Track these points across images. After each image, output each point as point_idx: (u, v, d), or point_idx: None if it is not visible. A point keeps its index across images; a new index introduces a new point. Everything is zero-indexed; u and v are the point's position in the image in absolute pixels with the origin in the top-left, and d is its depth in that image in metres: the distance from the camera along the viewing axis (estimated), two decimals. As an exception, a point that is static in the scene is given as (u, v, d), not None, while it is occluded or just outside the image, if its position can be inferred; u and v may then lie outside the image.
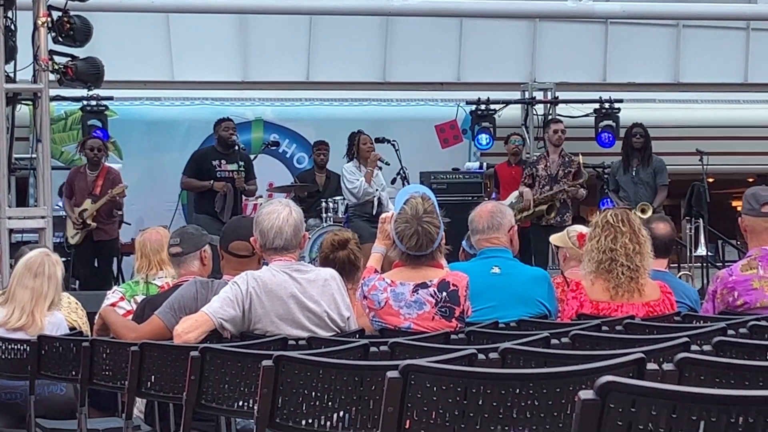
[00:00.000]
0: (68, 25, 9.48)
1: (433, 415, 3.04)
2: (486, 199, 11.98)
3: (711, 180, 13.33)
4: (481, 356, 3.65)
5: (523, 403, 2.98)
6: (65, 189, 11.65)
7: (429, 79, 15.09)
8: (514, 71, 14.99)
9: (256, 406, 3.81)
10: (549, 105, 14.21)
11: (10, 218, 9.40)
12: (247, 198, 12.32)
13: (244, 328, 5.05)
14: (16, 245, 9.29)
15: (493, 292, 5.83)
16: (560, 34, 15.13)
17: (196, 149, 12.64)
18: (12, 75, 9.57)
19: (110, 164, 12.50)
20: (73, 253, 11.35)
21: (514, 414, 2.98)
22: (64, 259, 7.67)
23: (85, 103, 12.97)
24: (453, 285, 5.34)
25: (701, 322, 5.49)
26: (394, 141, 12.44)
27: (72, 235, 11.44)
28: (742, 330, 4.70)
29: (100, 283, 11.11)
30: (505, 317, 5.64)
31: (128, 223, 12.28)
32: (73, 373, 5.36)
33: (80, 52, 9.64)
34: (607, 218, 5.86)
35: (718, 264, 12.92)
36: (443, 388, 3.02)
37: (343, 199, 12.12)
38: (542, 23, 15.09)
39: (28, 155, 10.96)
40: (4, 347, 5.69)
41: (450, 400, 3.02)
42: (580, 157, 12.33)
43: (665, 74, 15.65)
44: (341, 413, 3.62)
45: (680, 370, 3.06)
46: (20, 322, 5.87)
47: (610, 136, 13.97)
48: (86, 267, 11.53)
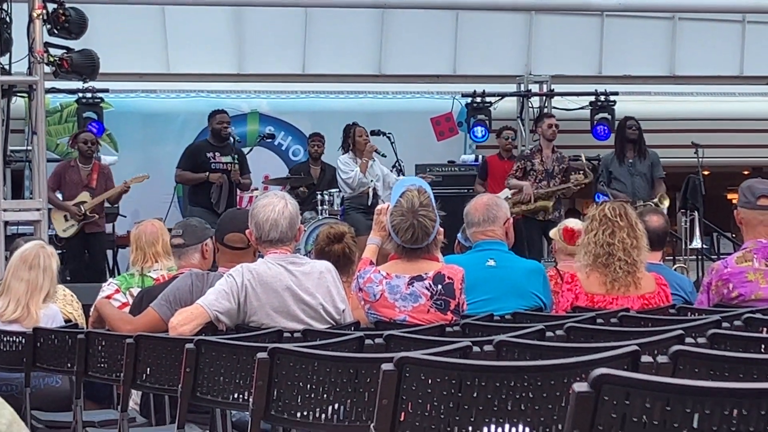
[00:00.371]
0: (63, 18, 9.48)
1: (428, 408, 3.04)
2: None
3: (706, 173, 13.32)
4: (476, 349, 3.65)
5: (517, 396, 2.98)
6: (50, 181, 11.33)
7: (425, 72, 15.08)
8: (510, 64, 14.97)
9: (251, 399, 3.81)
10: (545, 98, 14.20)
11: (5, 210, 9.41)
12: (242, 191, 12.31)
13: (240, 321, 5.05)
14: (12, 237, 9.30)
15: (489, 285, 5.83)
16: (556, 27, 15.12)
17: (190, 143, 12.60)
18: (7, 67, 9.58)
19: (105, 156, 12.49)
20: (64, 246, 11.27)
21: (508, 406, 2.98)
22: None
23: (80, 95, 12.93)
24: (448, 278, 5.33)
25: (696, 314, 5.50)
26: (389, 133, 12.42)
27: (64, 228, 11.31)
28: (737, 322, 4.69)
29: (90, 275, 11.07)
30: (501, 310, 5.65)
31: (123, 216, 12.25)
32: (69, 366, 5.36)
33: (75, 45, 9.65)
34: (605, 212, 5.84)
35: (713, 256, 12.93)
36: (438, 380, 3.02)
37: (339, 191, 12.09)
38: (538, 16, 15.08)
39: (24, 147, 10.93)
40: (-1, 339, 5.70)
41: (445, 393, 3.02)
42: (583, 158, 12.27)
43: (661, 67, 15.64)
44: (336, 405, 3.62)
45: (675, 362, 3.06)
46: (15, 315, 5.88)
47: (605, 128, 13.95)
48: (76, 260, 11.48)
